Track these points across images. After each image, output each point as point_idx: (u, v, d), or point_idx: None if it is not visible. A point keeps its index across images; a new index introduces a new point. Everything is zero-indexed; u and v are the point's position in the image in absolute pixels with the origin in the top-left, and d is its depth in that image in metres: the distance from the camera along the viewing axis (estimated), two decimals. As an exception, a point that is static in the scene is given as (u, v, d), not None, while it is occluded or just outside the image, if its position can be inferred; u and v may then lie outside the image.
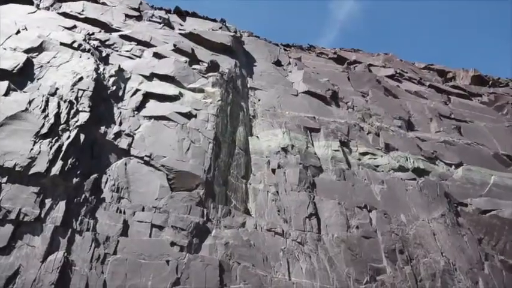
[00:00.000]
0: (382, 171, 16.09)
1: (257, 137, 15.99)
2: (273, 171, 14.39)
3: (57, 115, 11.87)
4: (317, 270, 11.64)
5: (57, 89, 12.77)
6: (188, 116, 14.52)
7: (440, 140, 18.70)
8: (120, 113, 13.59)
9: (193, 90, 16.07)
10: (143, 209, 11.19)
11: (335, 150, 16.16)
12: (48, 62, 14.09)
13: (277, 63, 22.61)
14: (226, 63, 18.85)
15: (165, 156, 12.71)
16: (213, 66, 17.84)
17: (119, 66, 15.46)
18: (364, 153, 16.73)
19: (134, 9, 22.30)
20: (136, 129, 13.33)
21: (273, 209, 13.09)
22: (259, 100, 18.17)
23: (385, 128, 18.48)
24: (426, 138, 18.68)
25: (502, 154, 18.73)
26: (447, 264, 13.02)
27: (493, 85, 27.15)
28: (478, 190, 16.35)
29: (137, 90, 14.82)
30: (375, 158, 16.60)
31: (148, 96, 14.79)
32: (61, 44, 15.27)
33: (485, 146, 19.17)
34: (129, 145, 12.71)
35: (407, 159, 16.83)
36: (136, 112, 13.94)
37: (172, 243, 10.64)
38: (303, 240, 12.36)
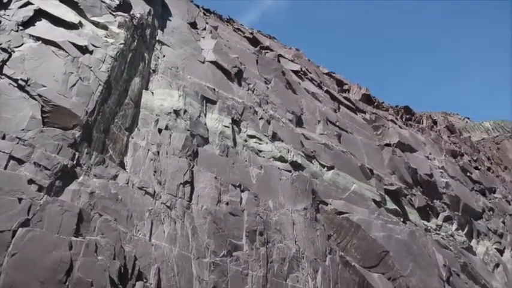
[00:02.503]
0: (264, 157, 16.89)
1: (152, 92, 15.38)
2: (159, 131, 14.06)
3: None
4: (179, 237, 11.83)
5: None
6: (83, 50, 13.24)
7: (322, 142, 20.29)
8: (0, 22, 11.78)
9: (96, 24, 14.69)
10: (4, 137, 9.98)
11: (225, 126, 16.42)
12: None
13: (193, 25, 21.87)
14: (140, 8, 17.60)
15: (45, 86, 11.45)
16: (125, 6, 16.50)
17: (12, -31, 13.34)
18: (252, 136, 17.32)
19: None
20: (17, 47, 11.72)
21: (150, 169, 12.83)
22: (164, 56, 17.43)
23: (277, 118, 19.35)
24: (310, 137, 20.08)
25: (367, 167, 21.11)
26: (297, 252, 14.36)
27: (377, 107, 30.30)
28: (340, 193, 18.25)
29: (29, 3, 12.96)
30: (260, 143, 17.31)
31: (41, 14, 13.05)
32: None
33: (356, 157, 21.37)
34: (4, 62, 11.14)
35: (288, 152, 17.91)
36: (21, 28, 12.23)
37: (31, 181, 9.72)
38: (172, 205, 12.40)
